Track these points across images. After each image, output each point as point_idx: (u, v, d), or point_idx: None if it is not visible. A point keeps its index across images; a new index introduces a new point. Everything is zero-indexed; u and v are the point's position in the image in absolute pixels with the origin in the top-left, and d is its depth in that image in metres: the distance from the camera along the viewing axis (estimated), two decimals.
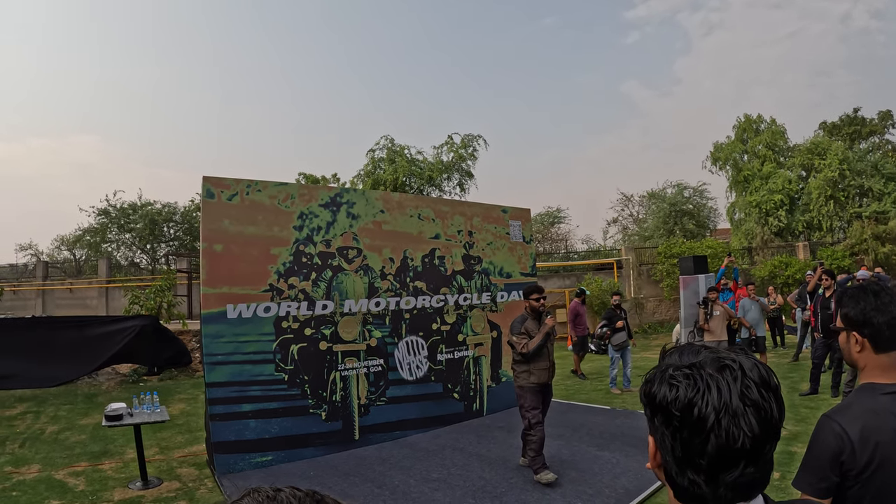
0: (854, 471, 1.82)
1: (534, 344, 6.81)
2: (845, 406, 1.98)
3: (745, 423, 1.00)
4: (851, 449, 1.82)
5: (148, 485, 7.02)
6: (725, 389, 1.02)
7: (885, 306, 1.94)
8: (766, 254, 24.74)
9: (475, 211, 10.40)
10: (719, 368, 1.05)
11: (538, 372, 6.90)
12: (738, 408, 1.01)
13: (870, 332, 1.97)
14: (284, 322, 7.91)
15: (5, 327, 13.57)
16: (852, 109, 31.67)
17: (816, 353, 10.23)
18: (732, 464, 1.02)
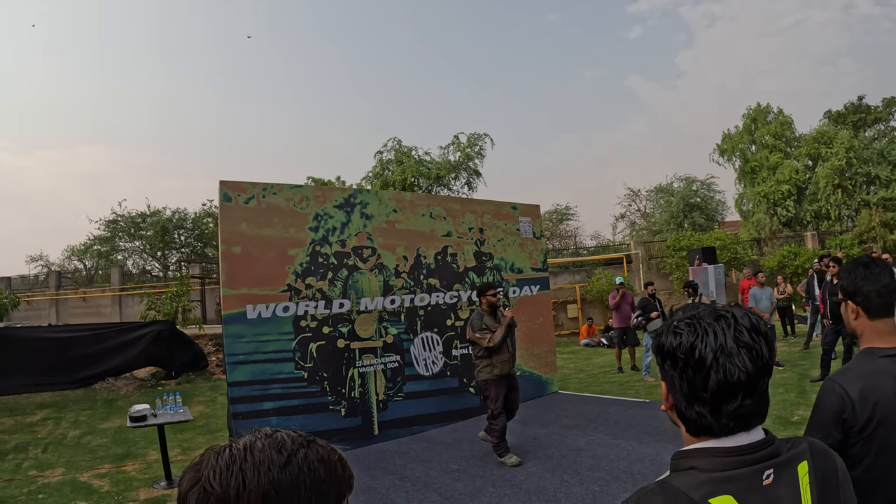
0: (856, 428, 1.97)
1: (498, 336, 7.13)
2: (846, 369, 2.13)
3: (739, 360, 1.19)
4: (852, 407, 1.97)
5: (172, 484, 7.11)
6: (721, 334, 1.21)
7: (875, 276, 2.12)
8: (775, 244, 24.75)
9: (486, 208, 10.56)
10: (716, 318, 1.23)
11: (500, 364, 7.21)
12: (732, 348, 1.19)
13: (862, 301, 2.15)
14: (303, 321, 8.07)
15: (24, 335, 13.80)
16: (857, 97, 31.71)
17: (826, 340, 10.28)
18: (731, 396, 1.20)
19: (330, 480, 0.95)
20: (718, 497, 1.17)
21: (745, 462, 1.20)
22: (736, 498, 1.17)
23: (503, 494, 6.10)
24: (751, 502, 1.17)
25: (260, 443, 0.95)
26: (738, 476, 1.19)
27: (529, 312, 10.82)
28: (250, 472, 0.90)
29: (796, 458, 1.25)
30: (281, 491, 0.90)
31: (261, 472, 0.90)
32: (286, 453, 0.93)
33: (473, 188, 28.39)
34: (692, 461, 1.24)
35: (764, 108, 30.64)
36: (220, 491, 0.89)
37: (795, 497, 1.21)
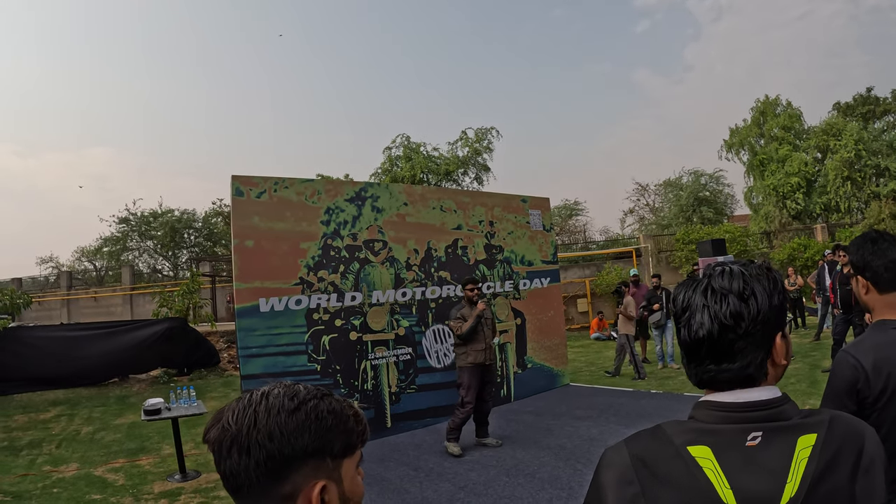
0: (870, 398, 1.98)
1: (466, 326, 7.42)
2: (859, 341, 2.17)
3: (699, 318, 1.26)
4: (866, 378, 1.99)
5: (187, 477, 7.19)
6: (692, 290, 1.30)
7: (883, 251, 2.16)
8: (785, 237, 24.70)
9: (496, 201, 10.58)
10: (702, 276, 1.33)
11: (474, 353, 7.47)
12: (696, 306, 1.27)
13: (870, 275, 2.18)
14: (315, 314, 8.12)
15: (37, 334, 13.89)
16: (865, 89, 31.49)
17: (837, 330, 10.24)
18: (695, 352, 1.29)
19: (337, 431, 1.05)
20: (696, 446, 1.22)
21: (732, 419, 1.23)
22: (713, 450, 1.20)
23: (517, 484, 6.13)
24: (727, 458, 1.19)
25: (277, 391, 1.07)
26: (720, 430, 1.23)
27: (540, 305, 10.86)
28: (262, 414, 1.02)
29: (801, 429, 1.21)
30: (286, 433, 1.01)
31: (270, 415, 1.02)
32: (297, 401, 1.04)
33: (482, 183, 28.42)
34: (695, 412, 1.30)
35: (773, 101, 30.54)
36: (234, 428, 1.01)
37: (783, 466, 1.17)
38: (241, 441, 1.00)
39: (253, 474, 1.00)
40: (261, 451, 1.00)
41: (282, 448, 1.00)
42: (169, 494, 6.69)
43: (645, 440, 1.29)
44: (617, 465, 1.26)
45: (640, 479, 1.22)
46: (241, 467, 1.00)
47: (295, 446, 1.01)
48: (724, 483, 1.17)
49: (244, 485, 1.02)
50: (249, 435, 1.00)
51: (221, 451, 1.02)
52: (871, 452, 1.22)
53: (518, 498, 5.76)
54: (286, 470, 1.01)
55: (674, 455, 1.22)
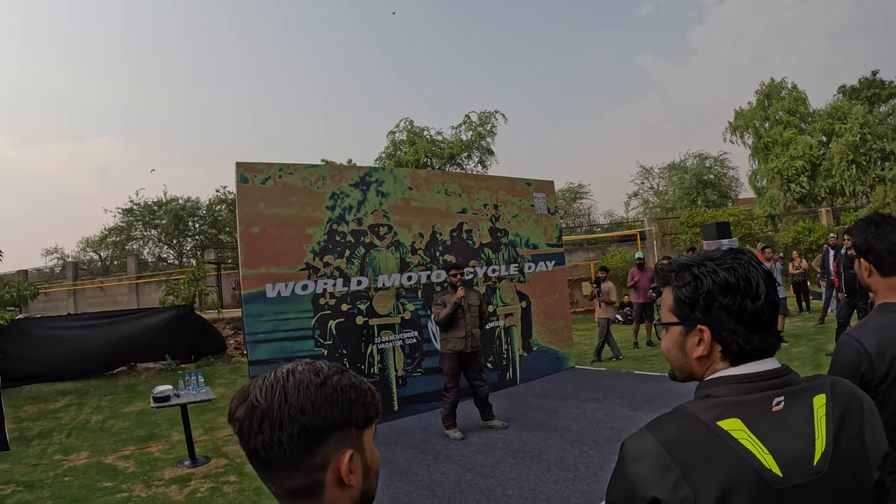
0: (873, 381, 2.00)
1: (444, 313, 7.44)
2: (863, 324, 2.18)
3: (765, 287, 1.33)
4: (869, 361, 2.01)
5: (196, 463, 7.25)
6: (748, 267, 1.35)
7: (886, 235, 2.16)
8: (790, 220, 24.66)
9: (500, 185, 10.58)
10: (735, 255, 1.38)
11: (454, 340, 7.52)
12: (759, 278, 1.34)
13: (873, 259, 2.19)
14: (322, 299, 8.16)
15: (44, 324, 13.94)
16: (871, 72, 31.30)
17: (841, 314, 10.21)
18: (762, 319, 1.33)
19: (359, 404, 1.11)
20: (727, 420, 1.23)
21: (755, 388, 1.27)
22: (744, 421, 1.23)
23: (523, 465, 6.17)
24: (758, 425, 1.23)
25: (300, 367, 1.12)
26: (747, 401, 1.26)
27: (545, 288, 10.88)
28: (291, 390, 1.06)
29: (812, 390, 1.30)
30: (316, 406, 1.06)
31: (300, 390, 1.06)
32: (322, 377, 1.10)
33: (486, 166, 28.36)
34: (708, 390, 1.32)
35: (777, 84, 30.42)
36: (265, 405, 1.05)
37: (807, 425, 1.25)
38: (272, 416, 1.04)
39: (286, 448, 1.04)
40: (294, 424, 1.04)
41: (314, 421, 1.05)
42: (179, 480, 6.74)
43: (671, 424, 1.28)
44: (647, 454, 1.24)
45: (677, 463, 1.20)
46: (275, 442, 1.04)
47: (325, 418, 1.07)
48: (763, 450, 1.20)
49: (276, 458, 1.05)
50: (281, 410, 1.04)
51: (252, 428, 1.06)
52: (869, 406, 1.37)
53: (525, 479, 5.80)
54: (317, 442, 1.06)
55: (706, 432, 1.23)
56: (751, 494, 1.18)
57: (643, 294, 13.14)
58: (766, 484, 1.18)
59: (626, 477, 1.26)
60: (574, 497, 5.25)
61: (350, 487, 1.10)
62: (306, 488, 1.08)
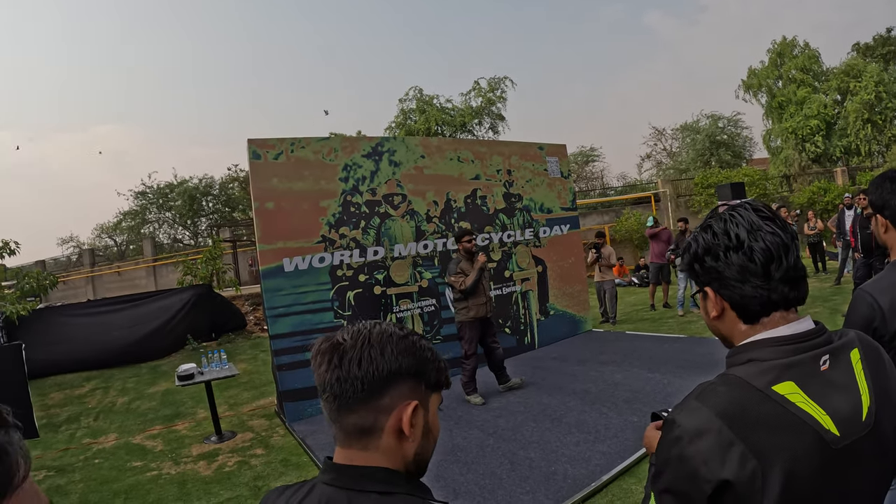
0: (885, 337, 2.00)
1: (470, 280, 7.44)
2: (878, 279, 2.17)
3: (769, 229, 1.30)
4: (882, 316, 2.02)
5: (223, 438, 7.36)
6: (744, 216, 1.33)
7: None
8: (805, 181, 24.48)
9: (512, 150, 10.53)
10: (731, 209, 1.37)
11: (476, 307, 7.54)
12: (759, 223, 1.31)
13: (889, 214, 2.19)
14: (339, 270, 8.20)
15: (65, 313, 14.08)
16: (885, 30, 30.77)
17: (858, 274, 10.12)
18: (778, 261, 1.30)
19: (433, 365, 1.20)
20: (782, 383, 1.21)
21: (803, 349, 1.25)
22: (798, 384, 1.21)
23: (544, 428, 6.22)
24: (811, 387, 1.21)
25: (386, 324, 1.21)
26: (797, 362, 1.23)
27: (560, 252, 10.89)
28: (375, 336, 1.16)
29: (848, 346, 1.30)
30: (395, 352, 1.16)
31: (382, 337, 1.16)
32: (405, 332, 1.20)
33: (498, 132, 28.22)
34: (750, 353, 1.27)
35: (790, 42, 30.00)
36: (349, 343, 1.15)
37: (852, 381, 1.25)
38: (354, 353, 1.13)
39: (359, 384, 1.12)
40: (371, 363, 1.13)
41: (390, 364, 1.14)
42: (207, 456, 6.84)
43: (724, 393, 1.22)
44: (706, 430, 1.17)
45: (739, 436, 1.15)
46: (351, 376, 1.12)
47: (401, 365, 1.15)
48: (820, 411, 1.19)
49: (348, 392, 1.13)
50: (363, 349, 1.14)
51: (332, 361, 1.14)
52: (888, 357, 1.38)
53: (546, 442, 5.85)
54: (389, 385, 1.14)
55: (762, 399, 1.19)
56: (815, 457, 1.16)
57: (660, 255, 13.09)
58: (827, 445, 1.17)
59: (685, 458, 1.18)
60: (595, 458, 5.29)
61: (406, 441, 1.16)
62: (367, 428, 1.14)
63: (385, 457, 1.15)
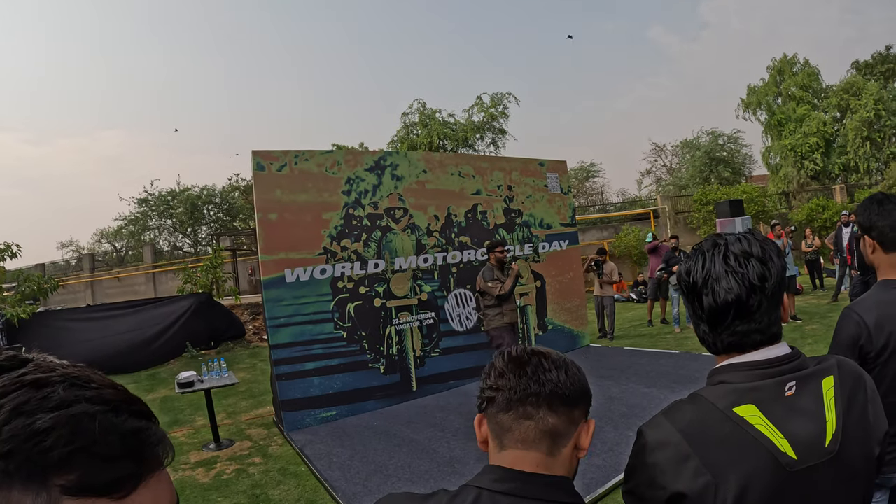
0: (872, 353, 2.11)
1: (508, 285, 7.68)
2: (864, 298, 2.26)
3: (725, 283, 1.32)
4: (868, 334, 2.11)
5: (221, 446, 7.39)
6: (710, 260, 1.35)
7: (889, 212, 2.23)
8: (804, 197, 24.57)
9: (513, 165, 10.64)
10: (712, 245, 1.39)
11: (510, 313, 7.76)
12: (719, 273, 1.33)
13: (877, 235, 2.27)
14: (340, 282, 8.28)
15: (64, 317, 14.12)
16: (885, 47, 30.93)
17: (854, 291, 10.13)
18: (723, 317, 1.34)
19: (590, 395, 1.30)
20: (742, 406, 1.28)
21: (768, 374, 1.31)
22: (759, 407, 1.27)
23: None
24: (773, 410, 1.27)
25: None
26: (761, 387, 1.29)
27: (559, 267, 10.97)
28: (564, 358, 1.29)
29: (821, 373, 1.35)
30: (582, 373, 1.28)
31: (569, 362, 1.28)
32: None
33: (499, 147, 28.31)
34: (722, 376, 1.37)
35: (790, 59, 30.12)
36: (554, 355, 1.27)
37: (818, 408, 1.30)
38: (566, 365, 1.25)
39: (571, 389, 1.22)
40: (579, 376, 1.25)
41: (582, 381, 1.26)
42: (205, 463, 6.87)
43: (688, 411, 1.33)
44: (667, 443, 1.28)
45: (695, 451, 1.24)
46: (571, 378, 1.22)
47: (586, 385, 1.27)
48: (778, 434, 1.25)
49: (562, 391, 1.20)
50: (567, 364, 1.25)
51: (555, 362, 1.24)
52: (871, 385, 1.42)
53: None
54: (583, 400, 1.25)
55: (722, 419, 1.27)
56: (768, 478, 1.22)
57: (656, 269, 13.17)
58: (782, 467, 1.23)
59: (647, 466, 1.30)
60: (591, 472, 5.35)
61: (577, 455, 1.25)
62: (561, 433, 1.20)
63: (564, 467, 1.21)
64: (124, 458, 0.58)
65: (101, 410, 0.58)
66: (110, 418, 0.58)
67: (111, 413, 0.59)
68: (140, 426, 0.62)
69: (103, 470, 0.56)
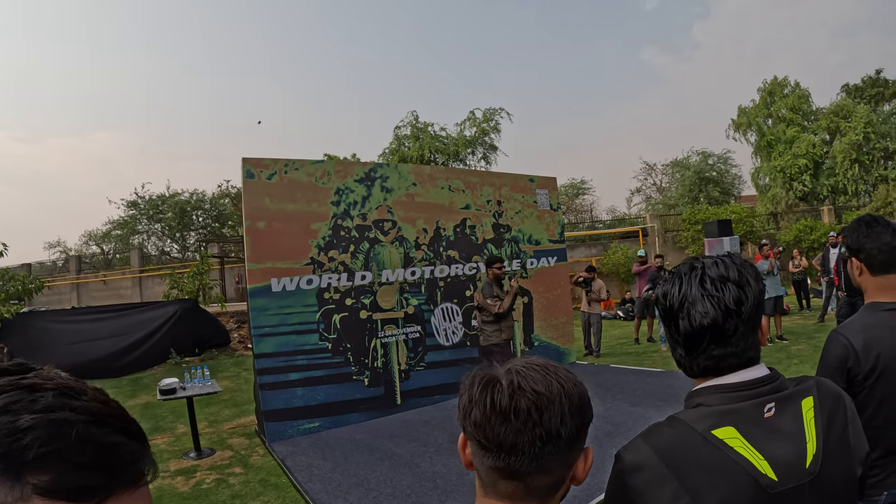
0: (859, 376, 2.10)
1: (507, 304, 7.69)
2: (851, 322, 2.26)
3: (701, 307, 1.30)
4: (856, 357, 2.11)
5: (202, 455, 7.33)
6: (687, 283, 1.34)
7: (877, 235, 2.24)
8: (791, 218, 24.72)
9: (503, 181, 10.65)
10: (689, 269, 1.37)
11: (507, 329, 7.82)
12: (695, 297, 1.32)
13: (864, 258, 2.27)
14: (326, 293, 8.24)
15: (49, 318, 14.02)
16: (874, 71, 31.24)
17: (841, 312, 10.22)
18: (699, 341, 1.33)
19: None
20: (721, 428, 1.27)
21: (746, 396, 1.30)
22: (738, 429, 1.26)
23: None
24: (752, 433, 1.26)
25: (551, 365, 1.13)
26: (739, 409, 1.29)
27: (547, 284, 10.97)
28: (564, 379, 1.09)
29: (800, 394, 1.34)
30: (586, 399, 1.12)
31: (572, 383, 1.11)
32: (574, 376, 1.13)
33: (490, 162, 28.35)
34: (700, 398, 1.35)
35: (781, 82, 30.39)
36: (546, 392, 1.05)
37: (798, 429, 1.29)
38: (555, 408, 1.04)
39: (568, 433, 1.04)
40: (579, 401, 1.08)
41: (586, 408, 1.12)
42: (185, 472, 6.81)
43: (666, 433, 1.31)
44: (645, 465, 1.26)
45: (674, 473, 1.23)
46: (558, 428, 1.03)
47: (589, 410, 1.13)
48: (758, 456, 1.24)
49: (562, 443, 1.04)
50: (562, 402, 1.05)
51: (531, 417, 1.03)
52: (851, 406, 1.41)
53: None
54: (581, 432, 1.09)
55: (701, 442, 1.26)
56: (748, 499, 1.22)
57: (643, 290, 13.19)
58: (762, 489, 1.22)
59: (626, 488, 1.27)
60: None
61: (574, 483, 1.13)
62: (554, 485, 1.10)
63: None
64: (97, 469, 0.59)
65: (83, 420, 0.60)
66: (90, 429, 0.60)
67: (93, 425, 0.61)
68: (119, 441, 0.63)
69: (75, 476, 0.57)
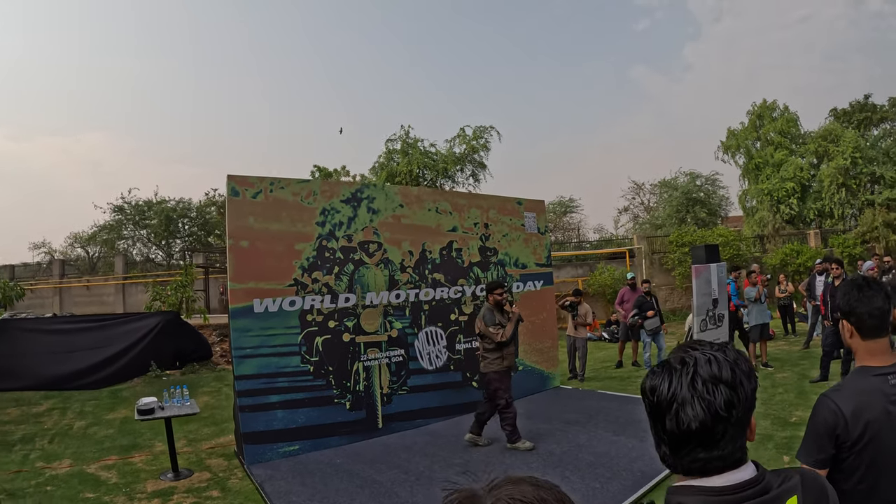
0: (848, 443, 2.06)
1: (509, 332, 7.62)
2: (840, 386, 2.23)
3: (691, 410, 1.22)
4: (845, 424, 2.06)
5: (179, 476, 7.22)
6: (677, 381, 1.26)
7: (868, 299, 2.20)
8: (778, 241, 24.81)
9: (491, 203, 10.61)
10: (681, 362, 1.29)
11: (509, 357, 7.72)
12: (685, 397, 1.23)
13: (855, 321, 2.23)
14: (309, 315, 8.15)
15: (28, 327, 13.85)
16: (863, 96, 31.46)
17: (827, 341, 10.25)
18: (685, 443, 1.25)
19: None
20: None
21: (729, 501, 1.24)
22: None
23: None
24: None
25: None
26: None
27: (533, 307, 10.90)
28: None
29: (785, 495, 1.29)
30: None
31: None
32: None
33: (479, 181, 28.36)
34: (681, 498, 1.29)
35: (770, 105, 30.56)
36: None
37: None
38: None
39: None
40: None
41: None
42: (162, 494, 6.69)
43: None
44: None
45: None
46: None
47: None
48: None
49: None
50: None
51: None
52: (834, 498, 1.37)
53: None
54: None
55: None
56: None
57: (629, 316, 13.16)
58: None
59: None
60: None
61: None
62: None
63: None
64: None
65: None
66: None
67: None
68: None
69: None
